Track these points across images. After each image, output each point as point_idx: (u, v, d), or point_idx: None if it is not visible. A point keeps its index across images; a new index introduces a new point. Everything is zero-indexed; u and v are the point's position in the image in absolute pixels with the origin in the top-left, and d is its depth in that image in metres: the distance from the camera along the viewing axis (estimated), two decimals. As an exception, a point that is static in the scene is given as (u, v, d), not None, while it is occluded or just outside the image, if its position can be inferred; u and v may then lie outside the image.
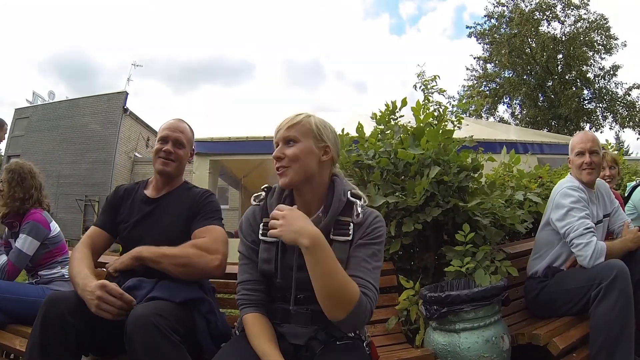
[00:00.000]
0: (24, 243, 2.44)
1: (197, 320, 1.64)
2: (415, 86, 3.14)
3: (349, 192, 1.48)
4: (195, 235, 1.80)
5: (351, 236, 1.41)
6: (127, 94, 23.25)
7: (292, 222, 1.29)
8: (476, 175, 2.49)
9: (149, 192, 1.98)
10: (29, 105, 26.61)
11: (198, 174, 6.95)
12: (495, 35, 19.40)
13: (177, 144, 1.96)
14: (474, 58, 20.60)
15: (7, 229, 2.64)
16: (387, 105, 2.72)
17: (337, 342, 1.41)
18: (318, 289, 1.28)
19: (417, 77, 3.09)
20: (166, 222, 1.86)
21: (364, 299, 1.29)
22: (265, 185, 1.57)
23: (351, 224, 1.43)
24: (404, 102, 2.71)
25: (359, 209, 1.43)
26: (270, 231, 1.32)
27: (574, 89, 18.64)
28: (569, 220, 2.24)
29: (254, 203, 1.56)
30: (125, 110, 22.76)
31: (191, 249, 1.70)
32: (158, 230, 1.84)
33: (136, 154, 21.50)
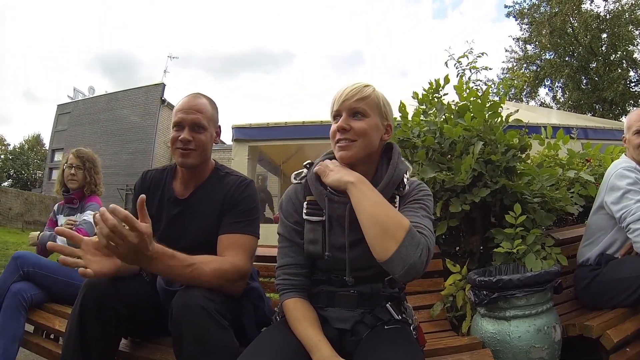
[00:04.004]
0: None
1: (244, 305, 1.58)
2: (454, 64, 3.01)
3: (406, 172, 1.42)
4: (222, 242, 1.60)
5: (397, 207, 1.35)
6: (165, 85, 23.94)
7: (339, 170, 1.33)
8: (524, 155, 2.37)
9: (177, 187, 1.77)
10: (70, 100, 27.77)
11: (237, 160, 6.99)
12: (535, 14, 18.56)
13: (195, 128, 1.67)
14: (513, 39, 19.85)
15: (63, 203, 2.85)
16: (430, 83, 2.63)
17: (385, 327, 1.35)
18: (366, 219, 1.22)
19: (461, 57, 2.96)
20: (198, 226, 1.69)
21: (416, 232, 1.20)
22: (308, 161, 1.50)
23: (397, 197, 1.37)
24: (447, 80, 2.61)
25: (405, 181, 1.38)
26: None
27: (620, 70, 17.62)
28: (626, 204, 2.08)
29: (295, 181, 1.48)
30: (163, 101, 23.45)
31: (226, 278, 1.47)
32: (192, 232, 1.69)
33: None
